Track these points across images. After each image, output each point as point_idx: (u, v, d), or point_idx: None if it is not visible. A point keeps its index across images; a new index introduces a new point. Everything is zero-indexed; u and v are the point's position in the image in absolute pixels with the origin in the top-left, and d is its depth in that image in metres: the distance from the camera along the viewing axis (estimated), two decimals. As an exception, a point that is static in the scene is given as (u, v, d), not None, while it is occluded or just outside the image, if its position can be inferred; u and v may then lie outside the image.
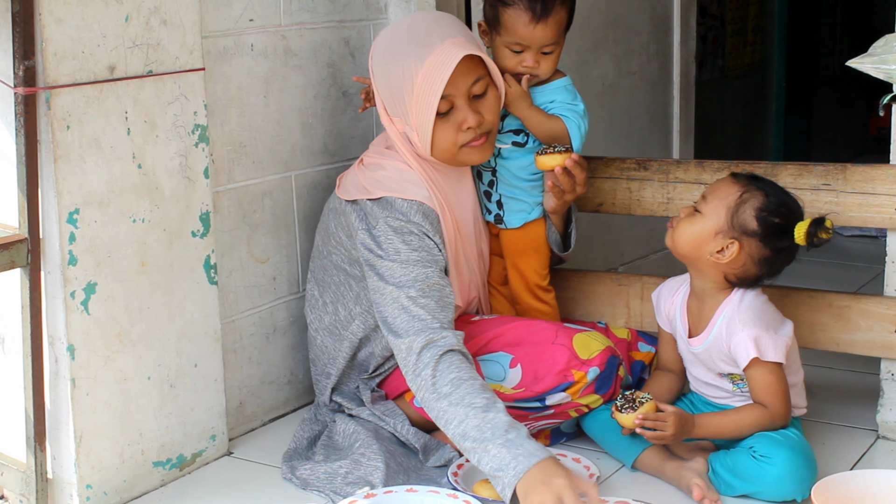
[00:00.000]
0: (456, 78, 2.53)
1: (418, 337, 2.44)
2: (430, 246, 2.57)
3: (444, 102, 2.55)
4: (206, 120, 2.59)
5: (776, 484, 2.36)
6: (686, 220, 2.49)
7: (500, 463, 2.22)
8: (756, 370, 2.43)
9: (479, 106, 2.60)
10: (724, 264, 2.45)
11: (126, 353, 2.47)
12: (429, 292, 2.51)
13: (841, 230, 4.78)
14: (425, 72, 2.51)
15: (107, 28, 2.35)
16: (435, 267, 2.55)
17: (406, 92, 2.55)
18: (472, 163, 2.66)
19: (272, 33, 2.82)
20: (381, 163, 2.68)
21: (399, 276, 2.52)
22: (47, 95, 2.27)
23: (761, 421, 2.43)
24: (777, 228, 2.44)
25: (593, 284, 3.01)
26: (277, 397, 2.96)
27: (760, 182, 2.48)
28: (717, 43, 5.31)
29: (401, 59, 2.56)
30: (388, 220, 2.57)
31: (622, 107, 3.89)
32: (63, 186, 2.31)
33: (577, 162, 2.65)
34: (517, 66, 2.69)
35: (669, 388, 2.62)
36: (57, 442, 2.41)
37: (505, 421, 2.28)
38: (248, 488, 2.56)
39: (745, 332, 2.42)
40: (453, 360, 2.40)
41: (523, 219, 2.79)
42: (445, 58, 2.51)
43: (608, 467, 2.59)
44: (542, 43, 2.66)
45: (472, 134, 2.59)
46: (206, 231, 2.62)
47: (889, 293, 2.68)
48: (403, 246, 2.55)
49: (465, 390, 2.34)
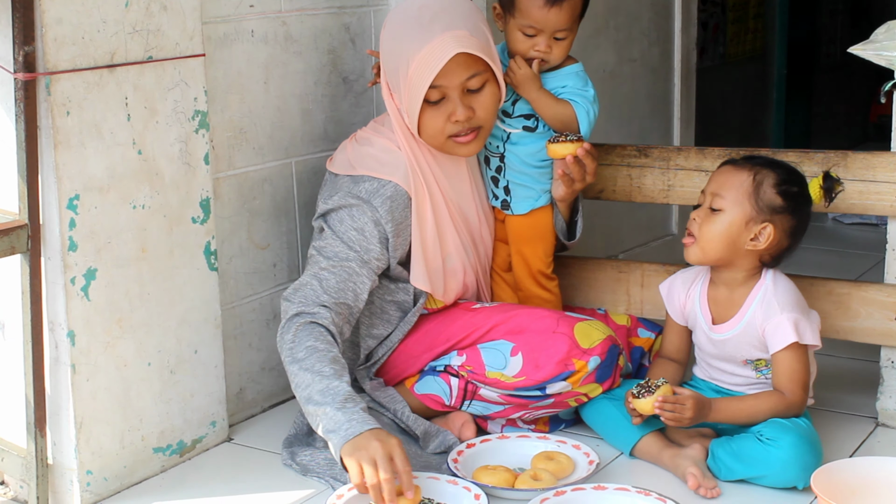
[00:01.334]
0: (450, 71, 2.52)
1: (298, 306, 2.50)
2: (371, 234, 2.57)
3: (436, 92, 2.54)
4: (206, 106, 2.59)
5: (780, 468, 2.36)
6: (709, 223, 2.47)
7: (335, 424, 2.29)
8: (787, 354, 2.44)
9: (472, 101, 2.59)
10: (762, 248, 2.46)
11: (126, 339, 2.47)
12: (337, 271, 2.54)
13: (841, 218, 4.79)
14: (419, 59, 2.51)
15: (107, 14, 2.35)
16: (358, 253, 2.56)
17: (402, 73, 2.55)
18: (459, 155, 2.66)
19: (272, 19, 2.82)
20: (370, 138, 2.68)
21: (326, 245, 2.57)
22: (47, 81, 2.26)
23: (778, 408, 2.44)
24: (799, 196, 2.47)
25: (594, 271, 3.01)
26: (278, 383, 2.96)
27: (758, 160, 2.50)
28: (718, 30, 5.30)
29: (402, 39, 2.56)
30: (348, 194, 2.58)
31: (623, 94, 3.88)
32: (63, 172, 2.31)
33: (588, 151, 2.65)
34: (529, 49, 2.68)
35: (672, 376, 2.62)
36: (57, 428, 2.41)
37: (346, 391, 2.35)
38: (248, 474, 2.56)
39: (785, 315, 2.44)
40: (314, 331, 2.46)
41: (530, 205, 2.78)
42: (440, 51, 2.51)
43: (607, 455, 2.59)
44: (555, 28, 2.65)
45: (460, 127, 2.58)
46: (206, 217, 2.61)
47: (889, 281, 2.68)
48: (348, 219, 2.57)
49: (317, 359, 2.41)
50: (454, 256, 2.71)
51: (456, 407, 2.66)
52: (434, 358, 2.69)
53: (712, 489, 2.38)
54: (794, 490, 2.39)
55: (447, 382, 2.65)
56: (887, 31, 2.43)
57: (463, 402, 2.64)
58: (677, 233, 4.16)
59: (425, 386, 2.68)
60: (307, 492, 2.47)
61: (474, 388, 2.63)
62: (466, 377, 2.63)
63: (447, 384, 2.65)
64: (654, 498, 2.29)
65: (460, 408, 2.66)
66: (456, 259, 2.71)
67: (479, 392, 2.63)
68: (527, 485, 2.38)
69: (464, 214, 2.73)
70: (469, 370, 2.62)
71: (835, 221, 4.80)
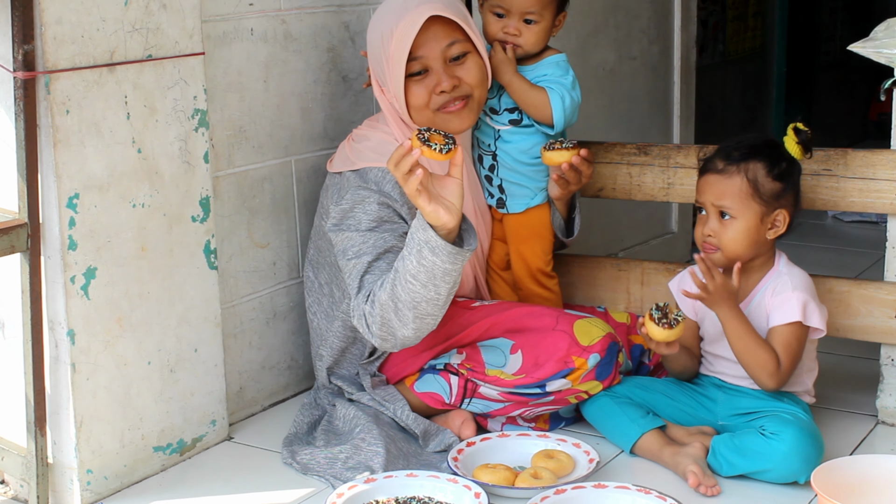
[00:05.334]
0: (428, 40, 2.55)
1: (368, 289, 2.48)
2: (391, 215, 2.56)
3: (417, 63, 2.56)
4: (205, 104, 2.58)
5: (782, 461, 2.37)
6: (727, 233, 2.47)
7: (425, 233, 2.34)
8: (787, 329, 2.46)
9: (456, 69, 2.60)
10: (784, 230, 2.51)
11: (126, 338, 2.47)
12: (384, 256, 2.52)
13: (841, 216, 4.78)
14: (398, 34, 2.54)
15: (106, 12, 2.35)
16: (391, 233, 2.55)
17: (385, 57, 2.58)
18: (453, 131, 2.63)
19: (272, 17, 2.81)
20: (366, 134, 2.69)
21: (358, 245, 2.54)
22: (47, 80, 2.26)
23: (768, 361, 2.44)
24: (790, 167, 2.51)
25: (593, 269, 3.01)
26: (277, 382, 2.96)
27: (734, 151, 2.50)
28: (718, 27, 5.30)
29: (380, 24, 2.59)
30: (358, 188, 2.58)
31: (622, 92, 3.88)
32: (63, 171, 2.31)
33: (583, 158, 2.65)
34: (499, 31, 2.71)
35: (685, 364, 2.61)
36: (57, 427, 2.41)
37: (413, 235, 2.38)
38: (248, 473, 2.56)
39: (797, 294, 2.47)
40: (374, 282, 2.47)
41: (525, 204, 2.78)
42: (415, 19, 2.53)
43: (607, 452, 2.59)
44: (522, 8, 2.67)
45: (446, 97, 2.58)
46: (206, 216, 2.61)
47: (889, 279, 2.68)
48: (364, 216, 2.56)
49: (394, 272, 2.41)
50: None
51: (456, 405, 2.66)
52: (434, 356, 2.69)
53: (712, 487, 2.38)
54: (795, 487, 2.39)
55: (447, 380, 2.65)
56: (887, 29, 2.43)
57: (463, 400, 2.64)
58: (677, 231, 4.16)
59: (425, 384, 2.68)
60: (307, 490, 2.47)
61: (474, 386, 2.63)
62: (466, 375, 2.63)
63: (447, 382, 2.65)
64: (654, 496, 2.29)
65: (460, 406, 2.66)
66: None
67: (478, 390, 2.63)
68: (527, 483, 2.38)
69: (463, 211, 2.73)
70: (469, 368, 2.62)
71: (834, 219, 4.80)
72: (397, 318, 2.41)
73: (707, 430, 2.56)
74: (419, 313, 2.40)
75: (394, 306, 2.40)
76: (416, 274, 2.35)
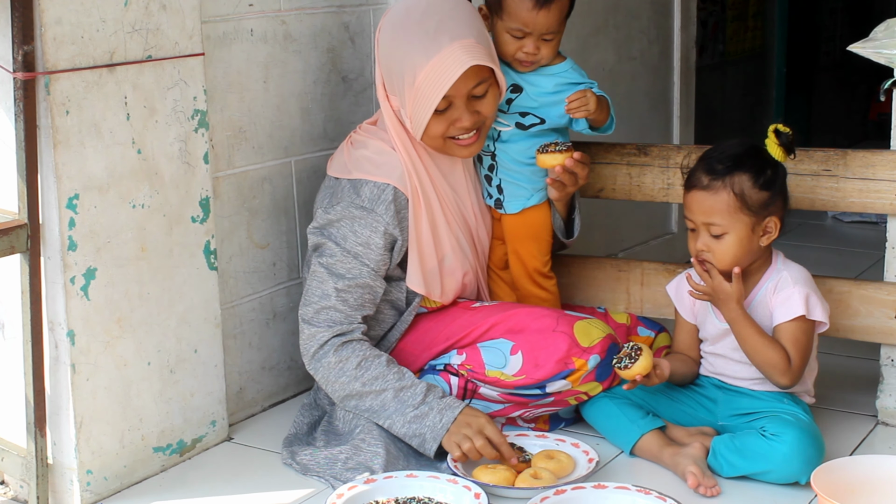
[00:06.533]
0: (459, 81, 2.51)
1: (326, 331, 2.56)
2: (377, 246, 2.57)
3: (443, 101, 2.54)
4: (205, 105, 2.58)
5: (783, 462, 2.37)
6: (720, 248, 2.46)
7: (420, 439, 2.49)
8: (793, 325, 2.46)
9: (476, 105, 2.59)
10: (776, 235, 2.50)
11: (126, 339, 2.47)
12: (355, 290, 2.57)
13: (841, 216, 4.78)
14: (429, 70, 2.50)
15: (106, 13, 2.35)
16: (371, 267, 2.57)
17: (407, 82, 2.54)
18: (456, 156, 2.66)
19: (272, 18, 2.81)
20: (365, 141, 2.68)
21: (336, 262, 2.57)
22: (46, 80, 2.26)
23: (779, 359, 2.44)
24: (773, 175, 2.49)
25: (593, 270, 3.01)
26: (277, 383, 2.96)
27: (717, 164, 2.48)
28: (718, 28, 5.30)
29: (406, 47, 2.54)
30: (351, 205, 2.58)
31: (622, 92, 3.88)
32: (62, 172, 2.31)
33: (577, 160, 2.65)
34: (517, 51, 2.68)
35: (684, 372, 2.61)
36: (57, 427, 2.41)
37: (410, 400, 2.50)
38: (248, 474, 2.56)
39: (798, 289, 2.47)
40: (356, 346, 2.56)
41: (522, 204, 2.78)
42: (452, 64, 2.49)
43: (607, 453, 2.59)
44: (543, 30, 2.65)
45: (464, 132, 2.59)
46: (205, 216, 2.61)
47: (889, 279, 2.68)
48: (351, 234, 2.56)
49: (373, 373, 2.54)
50: (451, 256, 2.70)
51: (456, 406, 2.66)
52: (434, 357, 2.69)
53: (712, 488, 2.38)
54: (795, 488, 2.39)
55: (447, 381, 2.65)
56: (887, 30, 2.43)
57: (463, 400, 2.64)
58: (677, 231, 4.16)
59: (425, 385, 2.68)
60: (307, 491, 2.47)
61: (474, 386, 2.63)
62: (466, 376, 2.63)
63: (447, 383, 2.65)
64: (654, 497, 2.29)
65: (460, 406, 2.66)
66: (453, 259, 2.71)
67: (478, 391, 2.63)
68: (527, 483, 2.38)
69: (461, 214, 2.73)
70: (469, 369, 2.62)
71: (834, 220, 4.80)
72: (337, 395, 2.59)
73: (707, 430, 2.56)
74: (351, 405, 2.58)
75: (342, 395, 2.57)
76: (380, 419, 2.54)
